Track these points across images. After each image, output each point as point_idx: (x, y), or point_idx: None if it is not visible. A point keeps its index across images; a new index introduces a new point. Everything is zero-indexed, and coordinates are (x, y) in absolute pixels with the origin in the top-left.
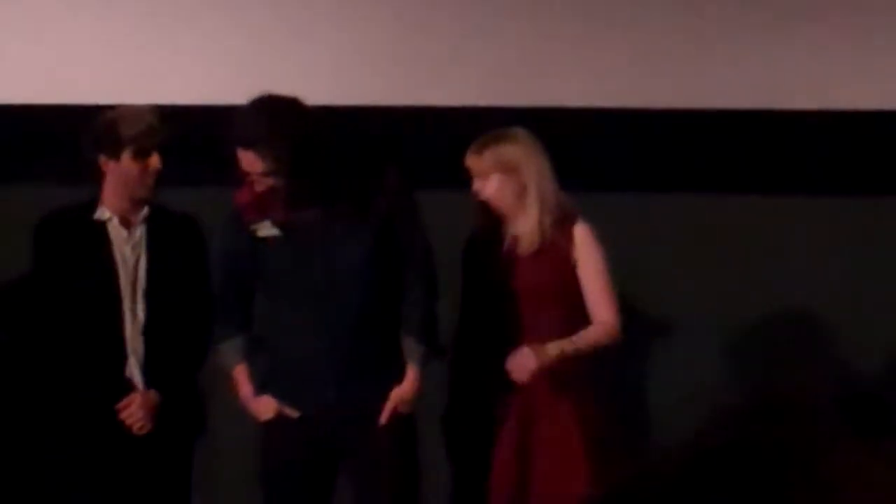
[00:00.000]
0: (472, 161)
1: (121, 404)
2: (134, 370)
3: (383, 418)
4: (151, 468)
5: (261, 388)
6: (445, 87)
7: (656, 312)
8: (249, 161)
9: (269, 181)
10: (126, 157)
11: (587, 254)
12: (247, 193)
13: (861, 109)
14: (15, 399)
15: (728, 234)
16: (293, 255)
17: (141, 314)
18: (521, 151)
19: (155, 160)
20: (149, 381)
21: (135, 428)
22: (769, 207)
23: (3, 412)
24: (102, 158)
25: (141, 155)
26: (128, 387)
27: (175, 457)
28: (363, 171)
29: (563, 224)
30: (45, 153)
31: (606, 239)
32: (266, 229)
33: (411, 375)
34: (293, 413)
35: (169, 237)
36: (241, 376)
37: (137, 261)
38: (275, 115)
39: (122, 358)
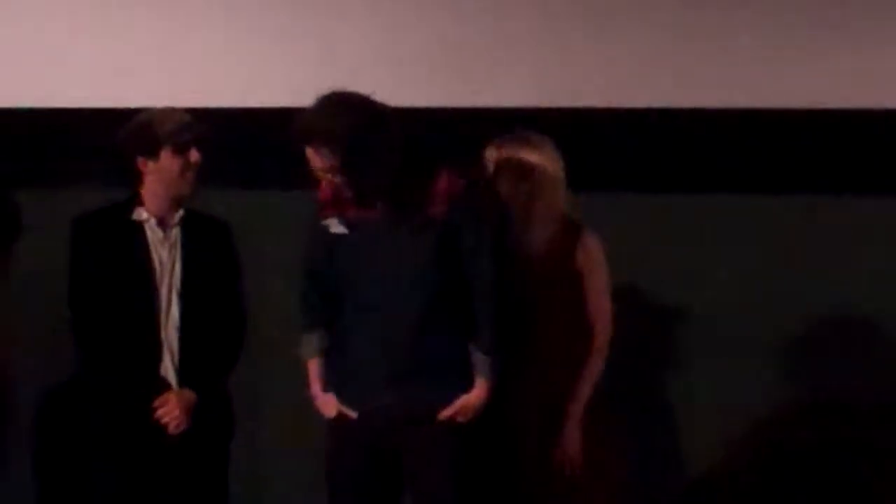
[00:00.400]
0: (490, 157)
1: (156, 402)
2: (169, 369)
3: (443, 415)
4: (186, 467)
5: (335, 385)
6: (502, 89)
7: (708, 315)
8: (310, 156)
9: (330, 177)
10: (165, 154)
11: (593, 264)
12: (326, 190)
13: None
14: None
15: (783, 235)
16: (358, 254)
17: (175, 315)
18: (539, 156)
19: (194, 154)
20: (182, 381)
21: (170, 426)
22: (821, 207)
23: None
24: (141, 159)
25: (180, 150)
26: (163, 386)
27: (209, 456)
28: (430, 173)
29: (571, 232)
30: (80, 156)
31: (656, 241)
32: (336, 226)
33: (479, 386)
34: (351, 413)
35: (203, 240)
36: (312, 371)
37: (173, 262)
38: (333, 112)
39: (158, 357)
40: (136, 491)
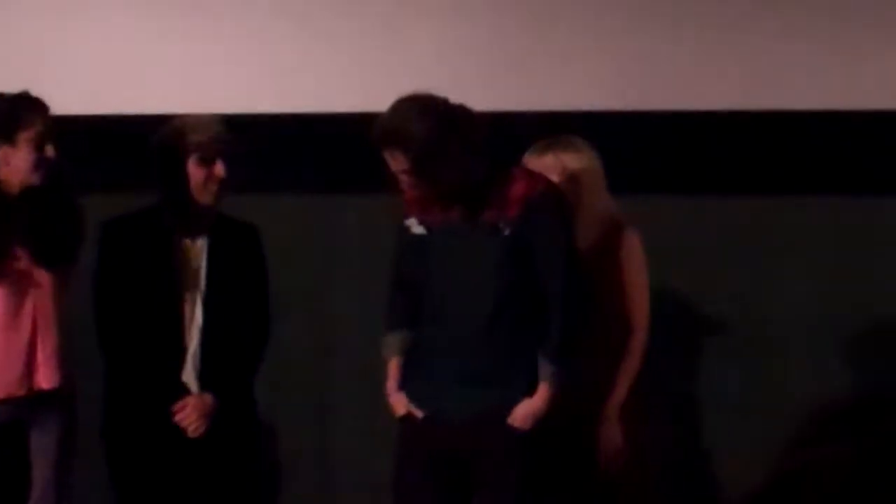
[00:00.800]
0: (531, 162)
1: (175, 407)
2: (190, 374)
3: (512, 420)
4: (209, 471)
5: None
6: (586, 91)
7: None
8: (387, 159)
9: (405, 179)
10: (191, 163)
11: (633, 263)
12: (410, 191)
13: None
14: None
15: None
16: (433, 255)
17: (199, 319)
18: (580, 158)
19: (219, 168)
20: (204, 385)
21: (189, 430)
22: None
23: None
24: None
25: (205, 162)
26: (183, 390)
27: (233, 460)
28: (507, 176)
29: (612, 231)
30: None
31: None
32: (415, 227)
33: (539, 394)
34: (418, 414)
35: (231, 245)
36: (392, 370)
37: (199, 267)
38: (407, 115)
39: (180, 362)
40: (160, 495)
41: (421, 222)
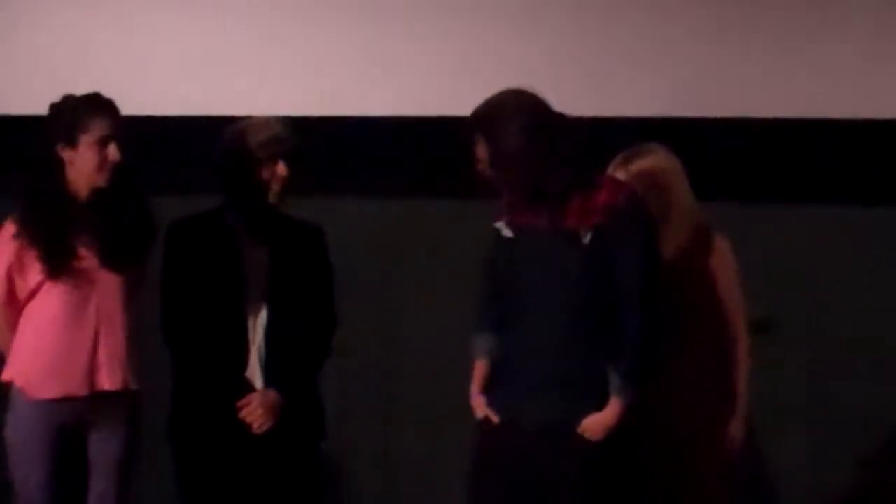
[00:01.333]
0: (617, 174)
1: (241, 402)
2: (255, 371)
3: (582, 430)
4: (273, 467)
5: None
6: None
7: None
8: (475, 143)
9: (482, 168)
10: (253, 164)
11: (725, 265)
12: (507, 194)
13: None
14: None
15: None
16: (517, 259)
17: (263, 318)
18: (666, 165)
19: (281, 168)
20: (269, 382)
21: (254, 426)
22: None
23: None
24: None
25: (266, 163)
26: (248, 387)
27: (297, 456)
28: (592, 182)
29: (701, 237)
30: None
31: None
32: (504, 230)
33: (611, 406)
34: (494, 418)
35: (294, 246)
36: (477, 372)
37: (263, 266)
38: (500, 106)
39: (245, 359)
40: (225, 490)
41: (509, 225)
